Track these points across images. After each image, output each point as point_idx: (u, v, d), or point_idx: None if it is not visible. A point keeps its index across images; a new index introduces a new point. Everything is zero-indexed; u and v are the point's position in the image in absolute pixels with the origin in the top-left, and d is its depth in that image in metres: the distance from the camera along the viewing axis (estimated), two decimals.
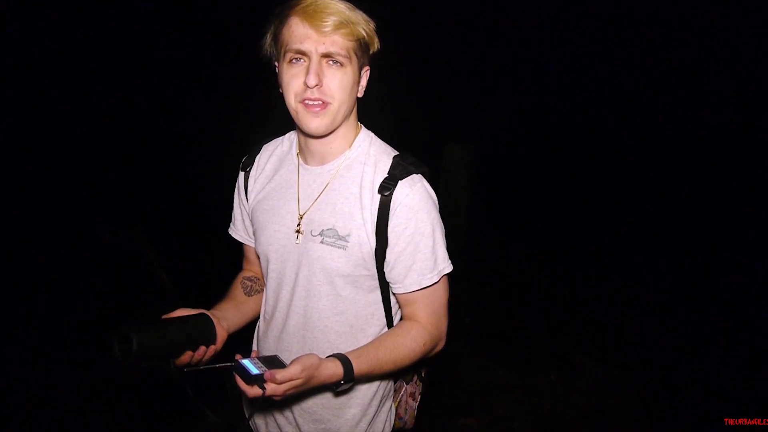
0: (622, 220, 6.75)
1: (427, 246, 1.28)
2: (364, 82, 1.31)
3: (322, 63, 1.20)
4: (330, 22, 1.17)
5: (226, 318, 1.37)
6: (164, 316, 1.25)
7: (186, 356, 1.23)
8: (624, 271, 5.36)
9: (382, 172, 1.29)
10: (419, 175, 1.30)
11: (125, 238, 4.85)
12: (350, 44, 1.21)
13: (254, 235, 1.46)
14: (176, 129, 7.55)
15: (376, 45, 1.28)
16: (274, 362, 1.17)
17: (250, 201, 1.46)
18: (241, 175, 1.48)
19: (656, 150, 8.49)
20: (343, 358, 1.21)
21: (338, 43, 1.20)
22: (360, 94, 1.31)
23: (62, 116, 7.15)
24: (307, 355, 1.17)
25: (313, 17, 1.18)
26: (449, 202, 5.42)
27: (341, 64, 1.21)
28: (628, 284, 5.09)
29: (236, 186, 1.51)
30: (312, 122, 1.24)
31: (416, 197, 1.26)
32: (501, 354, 3.93)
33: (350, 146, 1.33)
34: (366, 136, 1.36)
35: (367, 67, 1.30)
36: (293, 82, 1.22)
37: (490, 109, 9.48)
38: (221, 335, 1.31)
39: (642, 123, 9.00)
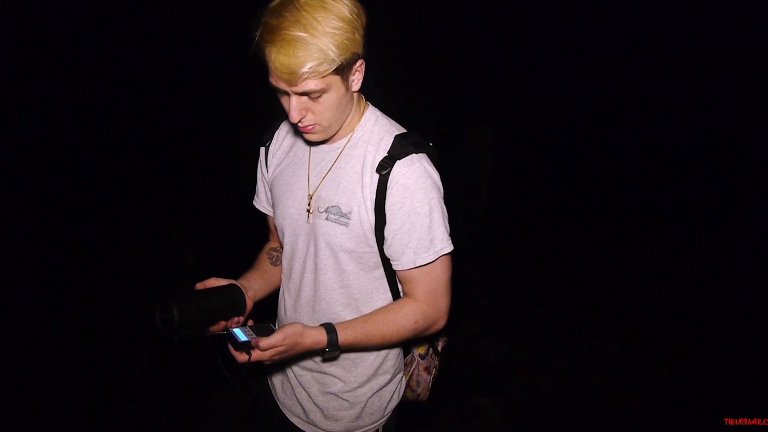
0: (647, 205, 6.66)
1: (423, 225, 1.28)
2: (357, 76, 1.25)
3: (302, 99, 1.19)
4: (297, 76, 1.12)
5: (252, 287, 1.45)
6: (198, 285, 1.33)
7: (220, 325, 1.31)
8: (646, 256, 5.31)
9: (383, 151, 1.30)
10: (420, 154, 1.30)
11: (150, 216, 4.94)
12: (325, 79, 1.15)
13: (272, 207, 1.51)
14: (201, 107, 7.62)
15: (360, 47, 1.19)
16: (265, 330, 1.25)
17: (269, 174, 1.51)
18: (262, 150, 1.53)
19: (684, 132, 8.32)
20: (329, 327, 1.28)
21: (310, 84, 1.14)
22: (356, 88, 1.27)
23: (89, 96, 7.26)
24: (291, 323, 1.26)
25: (280, 70, 1.12)
26: (470, 183, 5.41)
27: (322, 93, 1.18)
28: (649, 269, 5.04)
29: (259, 159, 1.56)
30: (309, 138, 1.30)
31: (413, 177, 1.26)
32: (518, 335, 3.95)
33: (357, 125, 1.35)
34: (371, 115, 1.36)
35: (359, 62, 1.23)
36: (284, 107, 1.23)
37: (511, 89, 9.36)
38: (248, 305, 1.38)
39: (669, 105, 8.81)
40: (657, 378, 3.51)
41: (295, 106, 1.19)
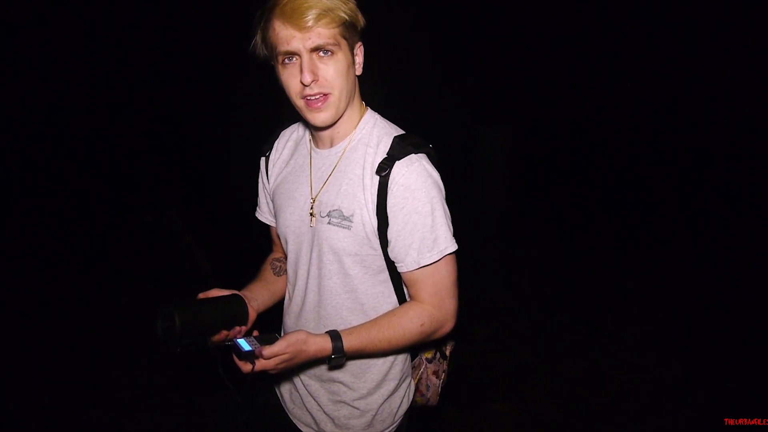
0: (663, 208, 6.58)
1: (425, 225, 1.27)
2: (359, 59, 1.31)
3: (313, 57, 1.21)
4: (309, 16, 1.17)
5: (256, 298, 1.45)
6: (200, 295, 1.33)
7: (222, 335, 1.31)
8: (662, 260, 5.24)
9: (383, 153, 1.30)
10: (419, 154, 1.30)
11: (165, 222, 4.99)
12: (335, 30, 1.21)
13: (275, 217, 1.51)
14: (217, 115, 7.68)
15: (361, 21, 1.27)
16: (269, 340, 1.23)
17: (270, 184, 1.52)
18: (262, 160, 1.54)
19: (703, 135, 8.20)
20: (334, 334, 1.27)
21: (323, 34, 1.19)
22: (359, 72, 1.32)
23: (105, 105, 7.37)
24: (295, 331, 1.25)
25: (292, 16, 1.18)
26: (484, 186, 5.38)
27: (332, 53, 1.22)
28: (666, 273, 4.98)
29: (259, 171, 1.57)
30: (317, 117, 1.27)
31: (413, 177, 1.26)
32: (533, 340, 3.91)
33: (355, 128, 1.36)
34: (370, 118, 1.38)
35: (359, 44, 1.30)
36: (291, 82, 1.25)
37: (527, 90, 9.31)
38: (251, 315, 1.38)
39: (688, 107, 8.70)
40: (673, 381, 3.46)
41: (306, 64, 1.20)
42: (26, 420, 2.97)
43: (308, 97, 1.24)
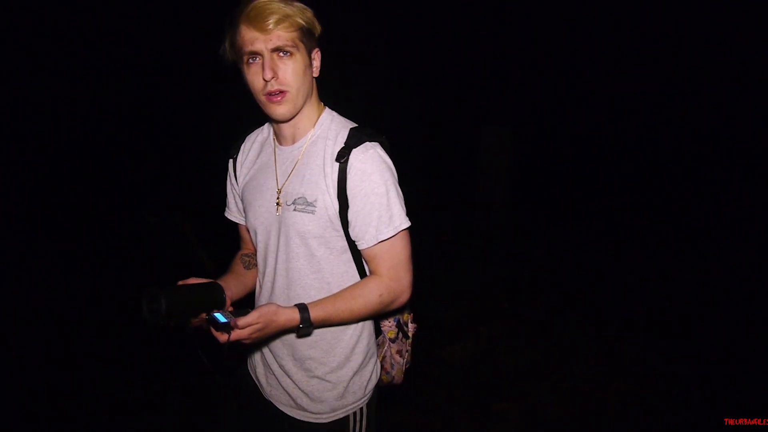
0: (668, 206, 6.57)
1: (381, 204, 1.43)
2: (316, 63, 1.48)
3: (273, 57, 1.38)
4: (270, 21, 1.34)
5: (229, 288, 1.56)
6: (180, 282, 1.43)
7: (201, 317, 1.40)
8: (668, 258, 5.24)
9: (341, 143, 1.45)
10: (373, 143, 1.46)
11: (168, 221, 4.99)
12: (293, 34, 1.38)
13: (244, 213, 1.66)
14: (218, 114, 7.68)
15: (318, 28, 1.44)
16: (243, 313, 1.34)
17: (239, 184, 1.67)
18: (230, 162, 1.70)
19: (708, 133, 8.18)
20: (301, 306, 1.40)
21: (282, 36, 1.36)
22: (316, 74, 1.49)
23: (108, 106, 7.39)
24: (266, 304, 1.38)
25: (255, 20, 1.35)
26: (488, 186, 5.37)
27: (291, 54, 1.38)
28: (671, 271, 4.97)
29: (227, 173, 1.71)
30: (277, 110, 1.42)
31: (368, 161, 1.42)
32: (539, 339, 3.90)
33: (314, 125, 1.51)
34: (328, 115, 1.54)
35: (317, 49, 1.47)
36: (254, 79, 1.40)
37: (529, 91, 9.31)
38: (226, 303, 1.50)
39: (686, 103, 8.69)
40: (675, 381, 3.45)
41: (268, 62, 1.36)
42: (26, 420, 2.98)
43: (269, 93, 1.39)
